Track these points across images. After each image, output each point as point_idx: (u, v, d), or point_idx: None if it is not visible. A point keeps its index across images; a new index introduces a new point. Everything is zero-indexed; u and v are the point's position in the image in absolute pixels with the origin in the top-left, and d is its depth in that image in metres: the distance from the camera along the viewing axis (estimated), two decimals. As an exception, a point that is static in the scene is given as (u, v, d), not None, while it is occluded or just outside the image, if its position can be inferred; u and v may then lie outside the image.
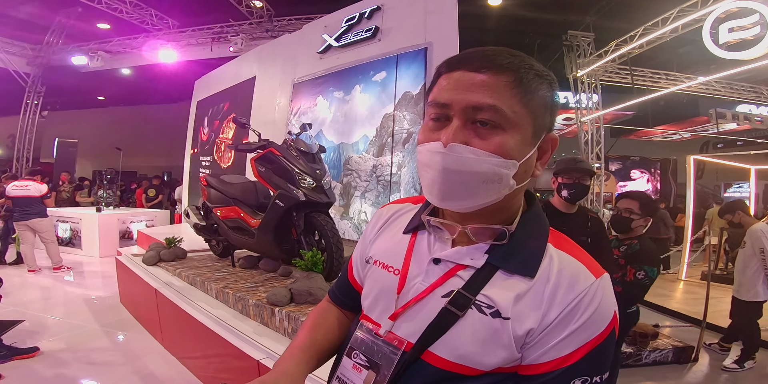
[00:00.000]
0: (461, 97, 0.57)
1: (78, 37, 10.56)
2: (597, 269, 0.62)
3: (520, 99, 0.57)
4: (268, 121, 5.71)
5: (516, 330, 0.59)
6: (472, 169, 0.56)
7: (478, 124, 0.57)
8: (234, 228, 3.10)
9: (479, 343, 0.59)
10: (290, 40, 6.00)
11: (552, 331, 0.58)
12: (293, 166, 2.69)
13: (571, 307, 0.58)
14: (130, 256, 4.07)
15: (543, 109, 0.60)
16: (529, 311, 0.59)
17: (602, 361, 0.60)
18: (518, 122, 0.58)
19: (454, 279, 0.64)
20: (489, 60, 0.58)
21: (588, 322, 0.58)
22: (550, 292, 0.60)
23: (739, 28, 4.64)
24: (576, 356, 0.58)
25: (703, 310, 3.58)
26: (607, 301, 0.60)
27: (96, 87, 14.90)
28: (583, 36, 7.52)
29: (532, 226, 0.66)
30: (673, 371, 3.20)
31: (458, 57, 0.61)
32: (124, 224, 7.29)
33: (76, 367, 2.89)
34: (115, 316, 3.90)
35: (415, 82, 3.89)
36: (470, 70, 0.58)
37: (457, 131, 0.57)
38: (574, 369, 0.58)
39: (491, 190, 0.58)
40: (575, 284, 0.60)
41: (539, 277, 0.61)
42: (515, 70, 0.57)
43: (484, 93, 0.56)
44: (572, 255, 0.64)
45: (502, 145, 0.57)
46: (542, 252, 0.63)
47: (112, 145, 14.41)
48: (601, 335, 0.59)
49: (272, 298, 2.26)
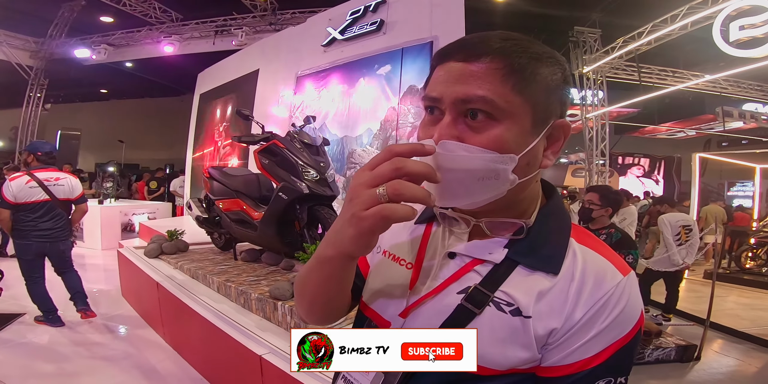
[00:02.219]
0: (451, 89, 0.53)
1: (81, 30, 10.57)
2: (624, 267, 0.59)
3: (512, 86, 0.52)
4: (271, 113, 5.68)
5: (537, 329, 0.55)
6: (466, 167, 0.52)
7: (469, 117, 0.54)
8: (236, 220, 3.07)
9: (497, 343, 0.56)
10: (294, 33, 5.97)
11: (578, 332, 0.55)
12: (297, 159, 2.65)
13: (599, 307, 0.55)
14: (131, 248, 4.05)
15: (544, 94, 0.55)
16: (552, 310, 0.56)
17: (628, 361, 0.58)
18: (513, 112, 0.53)
19: (471, 274, 0.60)
20: (477, 47, 0.54)
21: (615, 321, 0.55)
22: (575, 291, 0.56)
23: (750, 26, 4.59)
24: (602, 357, 0.55)
25: (707, 308, 3.55)
26: (634, 299, 0.57)
27: (99, 80, 14.93)
28: (590, 32, 7.46)
29: (553, 220, 0.62)
30: (676, 370, 3.17)
31: (448, 46, 0.57)
32: (126, 216, 7.27)
33: (76, 362, 2.86)
34: (117, 309, 3.88)
35: (421, 76, 3.85)
36: (459, 60, 0.54)
37: (448, 127, 0.54)
38: (599, 370, 0.55)
39: (488, 187, 0.54)
40: (602, 282, 0.56)
41: (563, 274, 0.57)
42: (506, 56, 0.53)
43: (473, 84, 0.52)
44: (597, 251, 0.60)
45: (496, 139, 0.53)
46: (565, 247, 0.60)
47: (114, 137, 14.46)
48: (628, 335, 0.56)
49: (275, 292, 2.23)
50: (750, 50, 4.71)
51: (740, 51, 4.77)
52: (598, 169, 7.68)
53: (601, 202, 2.70)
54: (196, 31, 9.77)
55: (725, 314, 4.36)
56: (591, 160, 7.65)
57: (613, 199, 2.77)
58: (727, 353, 3.59)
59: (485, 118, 0.53)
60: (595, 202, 2.71)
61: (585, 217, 2.77)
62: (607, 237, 2.66)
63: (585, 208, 2.77)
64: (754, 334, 3.82)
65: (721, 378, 3.12)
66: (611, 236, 2.66)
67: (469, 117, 0.54)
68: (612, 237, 2.65)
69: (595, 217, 2.73)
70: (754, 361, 3.46)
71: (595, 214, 2.71)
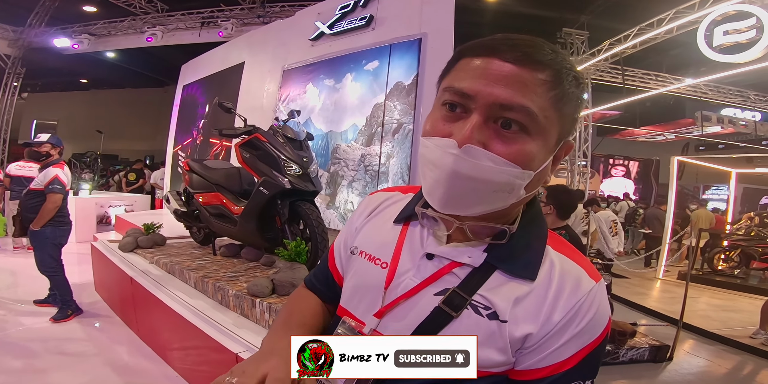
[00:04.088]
0: (489, 90, 0.49)
1: (62, 19, 10.28)
2: (595, 274, 0.60)
3: (554, 103, 0.51)
4: (256, 107, 5.60)
5: (513, 333, 0.56)
6: (487, 178, 0.50)
7: (500, 124, 0.50)
8: (216, 215, 3.01)
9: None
10: (282, 26, 5.88)
11: (553, 337, 0.56)
12: (279, 153, 2.60)
13: (574, 312, 0.56)
14: (106, 242, 3.93)
15: (573, 115, 0.54)
16: (528, 315, 0.56)
17: (596, 364, 0.59)
18: (546, 128, 0.51)
19: (449, 276, 0.59)
20: (527, 52, 0.50)
21: (587, 326, 0.56)
22: (553, 296, 0.57)
23: (735, 31, 4.67)
24: (573, 361, 0.56)
25: (680, 309, 3.62)
26: (604, 305, 0.59)
27: (79, 69, 14.60)
28: (578, 34, 7.54)
29: (533, 227, 0.62)
30: (649, 370, 3.23)
31: (489, 41, 0.53)
32: (102, 209, 7.08)
33: (46, 358, 2.76)
34: (89, 304, 3.76)
35: (408, 73, 3.82)
36: (503, 60, 0.50)
37: (476, 129, 0.50)
38: (570, 373, 0.57)
39: (499, 199, 0.53)
40: (577, 289, 0.57)
41: (540, 280, 0.58)
42: (556, 69, 0.50)
43: (517, 90, 0.49)
44: (572, 259, 0.61)
45: (524, 153, 0.50)
46: (542, 254, 0.60)
47: (93, 128, 14.08)
48: (597, 339, 0.57)
49: (253, 289, 2.18)
50: (733, 55, 4.80)
51: (723, 56, 4.86)
52: (580, 170, 7.77)
53: (547, 199, 2.56)
54: (181, 22, 9.55)
55: (697, 315, 4.47)
56: (573, 160, 7.74)
57: (560, 198, 2.58)
58: (698, 354, 3.67)
59: (518, 130, 0.50)
60: (542, 199, 2.54)
61: None
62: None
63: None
64: (724, 335, 3.92)
65: (692, 379, 3.18)
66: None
67: (499, 124, 0.50)
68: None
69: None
70: (723, 362, 3.55)
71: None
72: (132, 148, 17.00)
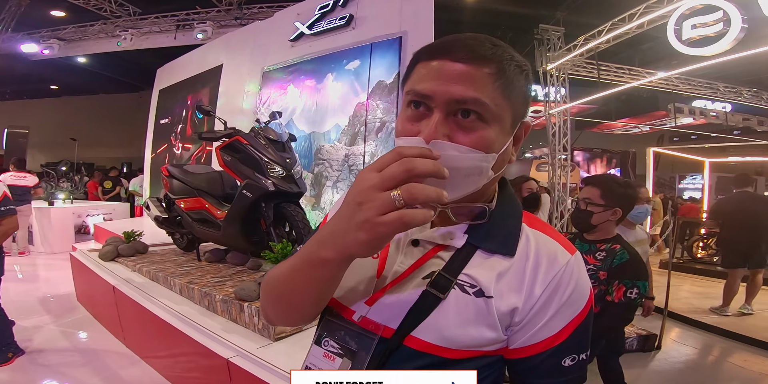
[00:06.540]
0: (444, 88, 0.55)
1: (30, 24, 9.92)
2: (570, 247, 0.64)
3: (502, 91, 0.56)
4: (236, 110, 5.53)
5: (500, 308, 0.59)
6: (456, 165, 0.54)
7: (459, 117, 0.56)
8: (198, 220, 2.95)
9: (464, 324, 0.59)
10: (260, 27, 5.82)
11: (540, 311, 0.59)
12: (261, 155, 2.57)
13: (555, 283, 0.60)
14: (85, 251, 3.83)
15: (522, 99, 0.60)
16: (511, 289, 0.60)
17: (586, 337, 0.63)
18: (500, 115, 0.57)
19: (434, 260, 0.63)
20: (471, 50, 0.56)
21: (571, 298, 0.60)
22: (531, 269, 0.61)
23: (702, 25, 4.79)
24: (564, 334, 0.60)
25: (663, 298, 3.68)
26: (583, 277, 0.63)
27: (48, 76, 14.19)
28: (554, 30, 7.62)
29: (508, 206, 0.67)
30: (639, 359, 3.28)
31: (439, 44, 0.59)
32: (79, 218, 6.89)
33: (32, 370, 2.68)
34: (73, 315, 3.66)
35: (389, 71, 3.83)
36: (452, 60, 0.56)
37: (439, 125, 0.55)
38: (563, 347, 0.60)
39: (471, 182, 0.58)
40: (554, 262, 0.61)
41: (518, 255, 0.62)
42: (498, 62, 0.56)
43: (468, 85, 0.55)
44: (546, 233, 0.66)
45: (483, 139, 0.56)
46: (518, 231, 0.65)
47: (66, 135, 13.69)
48: (583, 311, 0.61)
49: (240, 293, 2.15)
50: (701, 48, 4.93)
51: (692, 49, 4.98)
52: (561, 163, 7.89)
53: (603, 200, 1.80)
54: (155, 25, 9.33)
55: (680, 302, 4.57)
56: (554, 154, 7.86)
57: (622, 194, 1.82)
58: (685, 342, 3.73)
59: (475, 119, 0.56)
60: (595, 202, 1.81)
61: (581, 224, 1.86)
62: (608, 256, 1.76)
63: (580, 210, 1.85)
64: (709, 323, 3.99)
65: (681, 367, 3.24)
66: (613, 256, 1.75)
67: (459, 116, 0.56)
68: (613, 258, 1.75)
69: (595, 223, 1.82)
70: (711, 349, 3.61)
71: (596, 219, 1.81)
72: (108, 155, 16.60)
